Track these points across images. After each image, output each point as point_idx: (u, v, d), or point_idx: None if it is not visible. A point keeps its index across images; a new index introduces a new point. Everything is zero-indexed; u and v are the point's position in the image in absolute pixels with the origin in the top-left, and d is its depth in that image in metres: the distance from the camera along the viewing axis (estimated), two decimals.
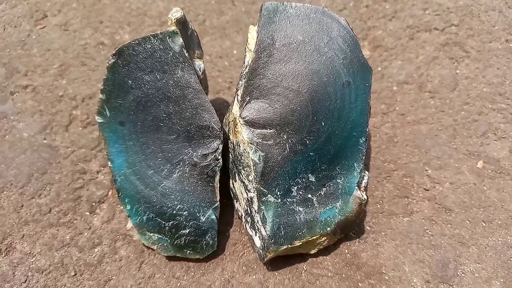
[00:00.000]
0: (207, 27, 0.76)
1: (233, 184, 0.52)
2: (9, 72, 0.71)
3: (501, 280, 0.52)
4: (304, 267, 0.53)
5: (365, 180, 0.50)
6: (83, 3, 0.80)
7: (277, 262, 0.53)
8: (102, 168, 0.61)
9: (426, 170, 0.60)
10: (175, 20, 0.48)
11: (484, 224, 0.56)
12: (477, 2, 0.78)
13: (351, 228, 0.52)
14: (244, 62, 0.48)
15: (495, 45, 0.72)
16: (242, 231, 0.56)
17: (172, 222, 0.50)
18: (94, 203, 0.58)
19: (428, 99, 0.67)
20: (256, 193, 0.46)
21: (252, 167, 0.46)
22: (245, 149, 0.46)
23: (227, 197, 0.56)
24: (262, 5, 0.46)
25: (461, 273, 0.53)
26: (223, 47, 0.74)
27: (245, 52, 0.49)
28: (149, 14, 0.78)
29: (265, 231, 0.46)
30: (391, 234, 0.55)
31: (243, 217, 0.51)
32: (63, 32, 0.76)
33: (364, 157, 0.48)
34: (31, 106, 0.67)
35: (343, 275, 0.52)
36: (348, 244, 0.55)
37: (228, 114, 0.52)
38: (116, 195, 0.52)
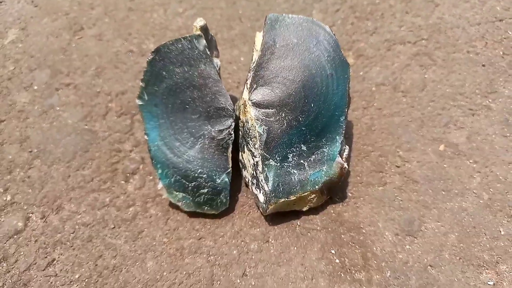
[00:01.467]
0: (218, 39, 0.93)
1: (241, 156, 0.68)
2: (53, 73, 0.88)
3: (456, 234, 0.67)
4: (298, 223, 0.68)
5: (346, 152, 0.66)
6: (114, 18, 0.97)
7: (276, 219, 0.68)
8: (134, 148, 0.76)
9: (398, 152, 0.76)
10: (199, 27, 0.64)
11: (443, 193, 0.71)
12: (444, 20, 0.96)
13: (335, 189, 0.67)
14: (252, 59, 0.65)
15: (457, 55, 0.89)
16: (249, 196, 0.71)
17: (194, 183, 0.65)
18: (128, 174, 0.73)
19: (401, 97, 0.83)
20: (260, 158, 0.62)
21: (258, 137, 0.61)
22: (252, 124, 0.62)
23: (237, 169, 0.72)
24: (266, 16, 0.63)
25: (424, 228, 0.67)
26: (232, 55, 0.91)
27: (253, 52, 0.66)
28: (170, 28, 0.95)
29: (267, 187, 0.62)
30: (368, 199, 0.70)
31: (249, 181, 0.67)
32: (98, 42, 0.93)
33: (344, 132, 0.64)
34: (74, 100, 0.83)
35: (329, 229, 0.67)
36: (333, 206, 0.70)
37: (238, 101, 0.68)
38: (148, 165, 0.67)
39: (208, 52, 0.64)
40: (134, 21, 0.96)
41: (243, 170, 0.69)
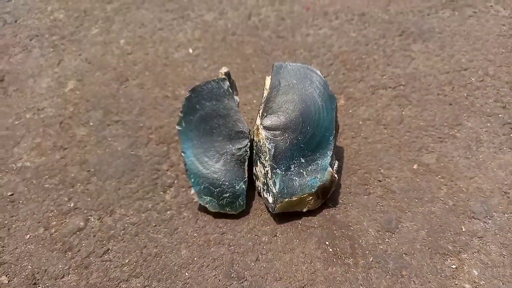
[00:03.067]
0: (235, 86, 1.18)
1: (255, 169, 0.90)
2: (105, 113, 1.13)
3: (426, 230, 0.86)
4: (299, 222, 0.88)
5: (336, 165, 0.87)
6: (153, 71, 1.24)
7: (282, 218, 0.88)
8: (170, 168, 0.99)
9: (380, 170, 0.97)
10: (224, 73, 0.90)
11: (416, 200, 0.91)
12: (419, 70, 1.20)
13: (328, 194, 0.87)
14: (263, 96, 0.89)
15: (429, 97, 1.13)
16: (261, 202, 0.91)
17: (218, 189, 0.86)
18: (166, 187, 0.95)
19: (382, 129, 1.06)
20: (270, 168, 0.84)
21: (268, 152, 0.84)
22: (263, 142, 0.84)
23: (250, 183, 0.93)
24: (273, 64, 0.88)
25: (400, 226, 0.87)
26: (247, 99, 1.15)
27: (264, 91, 0.90)
28: (197, 79, 1.21)
29: (275, 190, 0.83)
30: (356, 205, 0.90)
31: (261, 189, 0.88)
32: (140, 89, 1.19)
33: (333, 148, 0.86)
34: (122, 132, 1.07)
35: (324, 227, 0.87)
36: (328, 210, 0.90)
37: (252, 128, 0.92)
38: (181, 180, 0.89)
39: (231, 91, 0.88)
40: (168, 74, 1.23)
41: (256, 181, 0.90)
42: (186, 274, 0.80)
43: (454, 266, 0.79)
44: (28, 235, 0.87)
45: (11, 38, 1.44)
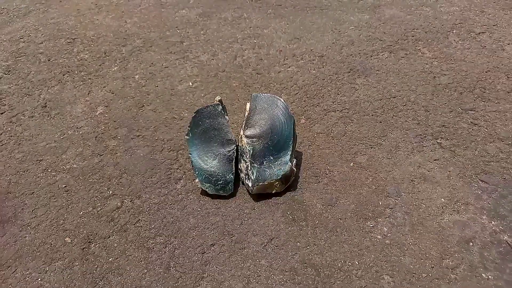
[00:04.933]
0: (226, 109, 1.64)
1: (240, 165, 1.34)
2: (129, 130, 1.57)
3: (354, 204, 1.31)
4: (270, 200, 1.31)
5: (294, 162, 1.32)
6: (162, 99, 1.70)
7: (258, 198, 1.32)
8: (179, 167, 1.43)
9: (327, 167, 1.42)
10: (218, 100, 1.36)
11: (350, 186, 1.36)
12: (360, 98, 1.68)
13: (289, 182, 1.32)
14: (244, 116, 1.35)
15: (366, 117, 1.60)
16: (244, 188, 1.36)
17: (214, 178, 1.31)
18: (177, 179, 1.39)
19: (331, 140, 1.52)
20: (249, 163, 1.28)
21: (248, 152, 1.29)
22: (245, 146, 1.30)
23: (237, 175, 1.37)
24: (251, 94, 1.35)
25: (338, 203, 1.32)
26: (234, 118, 1.61)
27: (245, 112, 1.36)
28: (197, 104, 1.67)
29: (253, 177, 1.27)
30: (309, 190, 1.35)
31: (244, 178, 1.32)
32: (153, 113, 1.64)
33: (292, 150, 1.31)
34: (142, 143, 1.52)
35: (287, 203, 1.31)
36: (290, 192, 1.34)
37: (237, 135, 1.37)
38: (188, 176, 1.33)
39: (223, 112, 1.34)
40: (175, 101, 1.69)
41: (240, 173, 1.35)
42: (194, 233, 1.22)
43: (371, 225, 1.24)
44: (81, 212, 1.29)
45: (47, 73, 1.89)
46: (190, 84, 1.76)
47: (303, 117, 1.60)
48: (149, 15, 2.30)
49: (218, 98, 1.34)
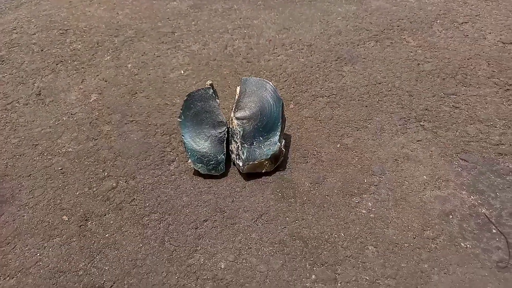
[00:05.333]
0: (217, 93, 1.70)
1: (230, 146, 1.40)
2: (122, 115, 1.62)
3: (340, 183, 1.38)
4: (260, 179, 1.38)
5: (283, 142, 1.39)
6: (155, 87, 1.75)
7: (249, 177, 1.38)
8: (172, 150, 1.48)
9: (315, 148, 1.49)
10: (209, 84, 1.42)
11: (337, 165, 1.43)
12: (347, 84, 1.75)
13: (278, 160, 1.38)
14: (234, 99, 1.41)
15: (352, 102, 1.67)
16: (235, 168, 1.41)
17: (206, 158, 1.36)
18: (170, 161, 1.44)
19: (318, 123, 1.58)
20: (240, 143, 1.34)
21: (239, 133, 1.35)
22: (236, 128, 1.35)
23: (228, 155, 1.43)
24: (241, 78, 1.41)
25: (325, 181, 1.38)
26: (225, 104, 1.67)
27: (235, 96, 1.42)
28: (188, 90, 1.72)
29: (244, 157, 1.33)
30: (297, 169, 1.41)
31: (234, 158, 1.38)
32: (146, 99, 1.69)
33: (281, 131, 1.37)
34: (136, 128, 1.57)
35: (276, 182, 1.37)
36: (279, 172, 1.40)
37: (228, 118, 1.43)
38: (181, 158, 1.38)
39: (214, 95, 1.40)
40: (167, 88, 1.74)
41: (231, 154, 1.40)
42: (187, 210, 1.28)
43: (357, 201, 1.30)
44: (78, 192, 1.34)
45: (41, 63, 1.93)
46: (182, 72, 1.81)
47: (292, 102, 1.66)
48: (141, 7, 2.35)
49: (209, 82, 1.39)
